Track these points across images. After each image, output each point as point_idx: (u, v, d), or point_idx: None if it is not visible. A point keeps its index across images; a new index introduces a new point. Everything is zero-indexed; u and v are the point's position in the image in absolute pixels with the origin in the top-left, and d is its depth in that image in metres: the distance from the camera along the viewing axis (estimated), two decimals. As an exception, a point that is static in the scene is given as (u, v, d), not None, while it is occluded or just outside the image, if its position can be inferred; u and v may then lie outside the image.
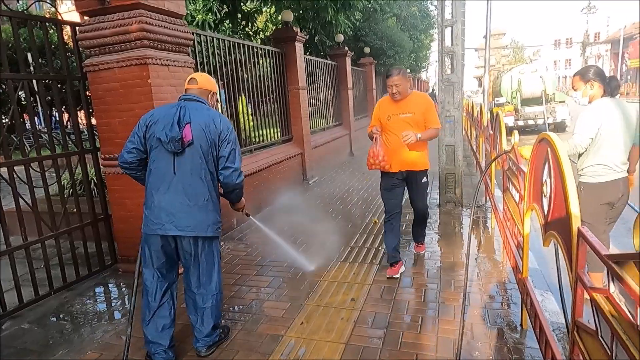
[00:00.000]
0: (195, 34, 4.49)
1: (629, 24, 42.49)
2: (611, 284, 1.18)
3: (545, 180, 1.98)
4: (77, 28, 3.62)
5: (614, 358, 1.15)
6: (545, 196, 1.99)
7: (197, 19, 6.45)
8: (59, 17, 3.74)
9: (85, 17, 3.57)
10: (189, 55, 4.03)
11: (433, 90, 30.81)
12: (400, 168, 3.41)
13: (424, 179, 3.50)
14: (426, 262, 3.77)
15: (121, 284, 3.72)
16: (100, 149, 3.84)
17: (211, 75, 4.85)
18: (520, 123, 13.12)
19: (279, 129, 6.92)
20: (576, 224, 1.51)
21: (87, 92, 3.80)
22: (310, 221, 4.87)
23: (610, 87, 2.91)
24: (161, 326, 2.42)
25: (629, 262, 1.08)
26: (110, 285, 3.73)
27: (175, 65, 3.74)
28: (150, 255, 2.42)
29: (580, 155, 3.01)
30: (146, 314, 2.44)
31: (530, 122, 13.16)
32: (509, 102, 14.49)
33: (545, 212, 1.98)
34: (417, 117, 3.36)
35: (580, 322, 1.49)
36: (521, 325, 2.65)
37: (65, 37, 3.91)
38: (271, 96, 6.60)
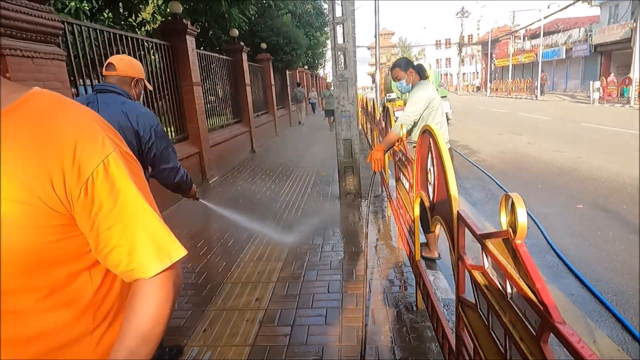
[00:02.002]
0: (66, 23, 3.99)
1: (495, 28, 48.36)
2: (485, 260, 1.29)
3: (430, 169, 2.12)
4: None
5: (490, 327, 1.27)
6: (430, 183, 2.14)
7: (69, 5, 5.76)
8: None
9: None
10: (58, 46, 3.57)
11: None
12: None
13: None
14: (329, 254, 3.85)
15: None
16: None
17: (87, 71, 4.43)
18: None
19: (172, 128, 6.53)
20: (456, 207, 1.63)
21: None
22: (213, 225, 4.68)
23: (421, 72, 3.52)
24: None
25: (498, 239, 1.18)
26: None
27: (41, 57, 3.29)
28: None
29: (412, 130, 3.49)
30: None
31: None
32: (399, 98, 15.52)
33: (431, 198, 2.13)
34: None
35: (463, 297, 1.62)
36: (416, 305, 2.84)
37: None
38: (162, 93, 6.18)
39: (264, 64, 13.50)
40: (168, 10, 9.01)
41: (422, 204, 2.45)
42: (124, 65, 2.18)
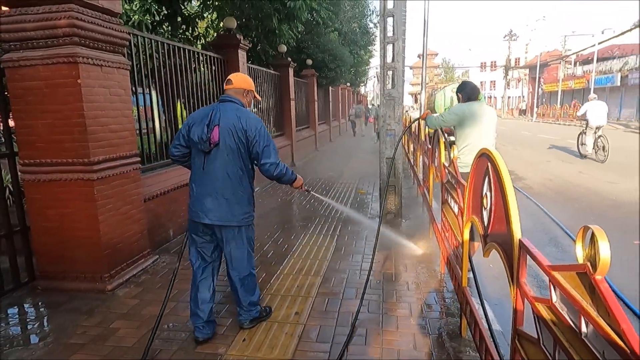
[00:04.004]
0: (132, 35, 4.24)
1: (544, 51, 47.01)
2: (553, 293, 1.23)
3: (486, 194, 2.07)
4: (-6, 19, 3.26)
5: (556, 365, 1.20)
6: (485, 209, 2.08)
7: (133, 19, 6.11)
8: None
9: (4, 8, 3.23)
10: (124, 56, 3.78)
11: (372, 104, 31.77)
12: None
13: None
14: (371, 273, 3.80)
15: (39, 304, 3.34)
16: (18, 153, 3.46)
17: (146, 79, 4.66)
18: (452, 138, 13.85)
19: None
20: (517, 235, 1.58)
21: (5, 92, 3.42)
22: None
23: (472, 95, 4.05)
24: (200, 300, 2.71)
25: (571, 273, 1.13)
26: (26, 306, 3.33)
27: (108, 66, 3.49)
28: (193, 238, 2.74)
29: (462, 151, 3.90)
30: (192, 288, 2.76)
31: (452, 137, 13.95)
32: (431, 125, 15.28)
33: (485, 224, 2.07)
34: None
35: (521, 330, 1.55)
36: (460, 334, 2.74)
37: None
38: (212, 103, 6.39)
39: (309, 79, 13.73)
40: (222, 25, 9.40)
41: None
42: (238, 80, 2.75)
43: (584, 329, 1.04)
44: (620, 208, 6.30)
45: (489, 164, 2.02)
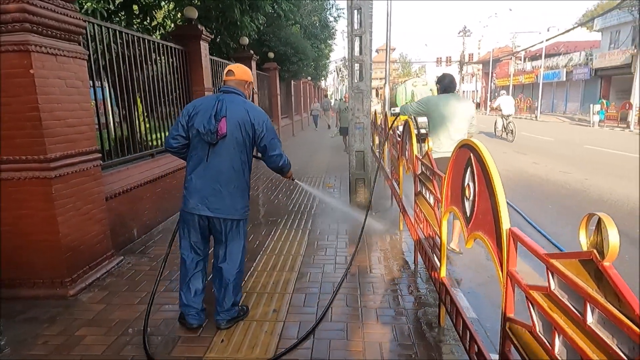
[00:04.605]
0: (87, 22, 3.96)
1: (496, 48, 48.94)
2: (552, 281, 1.25)
3: (468, 184, 2.08)
4: None
5: (556, 351, 1.21)
6: (467, 199, 2.10)
7: (86, 6, 5.73)
8: None
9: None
10: (80, 44, 3.53)
11: (335, 99, 31.87)
12: None
13: None
14: (343, 266, 3.79)
15: (-7, 314, 3.07)
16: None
17: (102, 71, 4.39)
18: (414, 131, 14.30)
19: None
20: (506, 225, 1.59)
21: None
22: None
23: (447, 88, 4.27)
24: (194, 291, 2.73)
25: (571, 260, 1.14)
26: (-23, 316, 3.06)
27: (64, 55, 3.25)
28: (187, 231, 2.69)
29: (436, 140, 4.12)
30: (183, 281, 2.75)
31: (422, 130, 14.27)
32: (403, 112, 15.58)
33: (468, 214, 2.09)
34: None
35: (513, 317, 1.57)
36: (439, 322, 2.78)
37: None
38: (172, 96, 6.14)
39: (271, 72, 13.55)
40: (179, 15, 9.04)
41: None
42: (240, 71, 2.75)
43: (589, 315, 1.05)
44: (575, 196, 6.66)
45: (471, 154, 2.03)
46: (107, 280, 3.54)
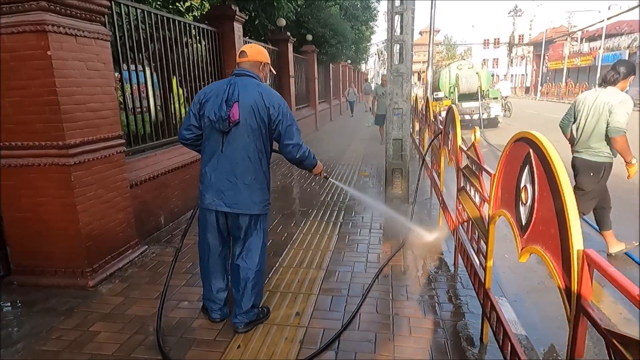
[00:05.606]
0: (113, 2, 3.81)
1: (550, 28, 45.90)
2: (651, 335, 0.90)
3: (525, 186, 1.72)
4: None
5: None
6: (523, 204, 1.74)
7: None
8: None
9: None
10: (104, 25, 3.37)
11: (372, 82, 31.00)
12: None
13: None
14: (375, 265, 3.49)
15: (17, 302, 3.01)
16: (-14, 135, 3.10)
17: (133, 53, 4.25)
18: (440, 94, 14.52)
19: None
20: (578, 244, 1.24)
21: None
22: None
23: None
24: (216, 289, 2.61)
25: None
26: None
27: (84, 36, 3.09)
28: (205, 227, 2.52)
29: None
30: (204, 276, 2.62)
31: (467, 117, 13.54)
32: (446, 97, 14.84)
33: (524, 223, 1.73)
34: None
35: (582, 364, 1.23)
36: (481, 339, 2.44)
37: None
38: (207, 80, 5.98)
39: (309, 56, 13.20)
40: (217, -3, 8.84)
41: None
42: (253, 51, 2.48)
43: None
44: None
45: (531, 150, 1.66)
46: (129, 271, 3.43)
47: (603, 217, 3.80)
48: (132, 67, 4.29)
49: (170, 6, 7.22)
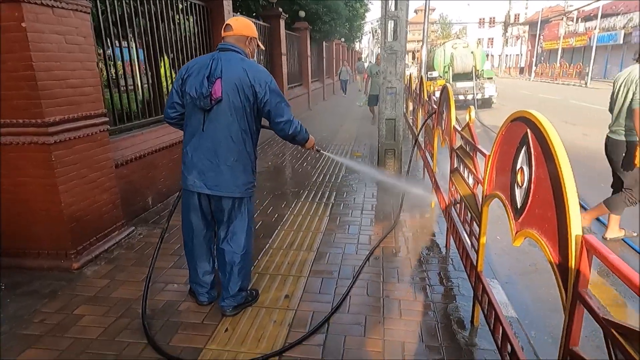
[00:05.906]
0: (93, -28, 3.61)
1: (546, 7, 45.38)
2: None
3: (521, 168, 1.66)
4: None
5: None
6: (519, 186, 1.68)
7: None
8: None
9: None
10: (83, -4, 3.20)
11: (366, 61, 30.50)
12: None
13: None
14: (367, 247, 3.45)
15: (1, 287, 2.94)
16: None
17: (116, 28, 4.08)
18: (435, 74, 14.25)
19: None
20: (576, 229, 1.18)
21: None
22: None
23: None
24: (202, 272, 2.54)
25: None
26: (-18, 286, 2.95)
27: (62, 7, 2.93)
28: (188, 209, 2.44)
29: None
30: (189, 259, 2.56)
31: (461, 97, 13.42)
32: (441, 76, 14.67)
33: (519, 206, 1.67)
34: None
35: (577, 352, 1.19)
36: (472, 322, 2.42)
37: None
38: (196, 57, 5.78)
39: (302, 33, 12.91)
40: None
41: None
42: (239, 25, 2.36)
43: None
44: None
45: (528, 130, 1.59)
46: (115, 253, 3.36)
47: (620, 201, 3.67)
48: (116, 42, 4.12)
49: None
